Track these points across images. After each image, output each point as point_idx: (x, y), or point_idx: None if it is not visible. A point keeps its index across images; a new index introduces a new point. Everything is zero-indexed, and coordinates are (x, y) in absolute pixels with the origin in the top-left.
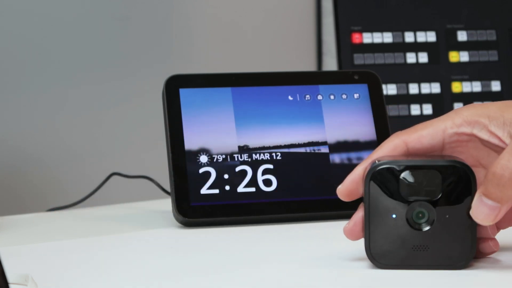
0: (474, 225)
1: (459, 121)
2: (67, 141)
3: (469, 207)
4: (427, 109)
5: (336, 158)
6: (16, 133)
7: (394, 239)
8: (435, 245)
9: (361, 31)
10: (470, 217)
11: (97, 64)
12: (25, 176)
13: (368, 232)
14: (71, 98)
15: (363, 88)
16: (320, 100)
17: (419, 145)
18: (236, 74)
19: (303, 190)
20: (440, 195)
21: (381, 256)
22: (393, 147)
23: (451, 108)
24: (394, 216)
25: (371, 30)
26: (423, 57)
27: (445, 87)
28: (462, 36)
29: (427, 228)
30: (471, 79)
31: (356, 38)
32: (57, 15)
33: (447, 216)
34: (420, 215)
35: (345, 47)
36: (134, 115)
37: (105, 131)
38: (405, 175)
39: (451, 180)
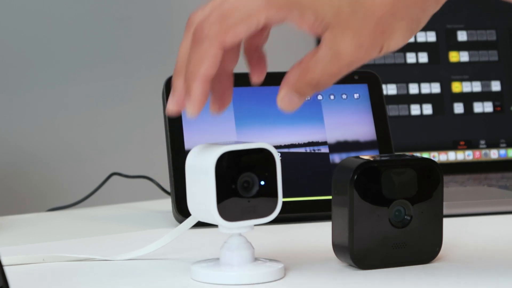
0: (441, 218)
1: (272, 13)
2: (67, 140)
3: (439, 201)
4: (427, 109)
5: (336, 158)
6: (17, 133)
7: (377, 239)
8: (412, 241)
9: None
10: (440, 210)
11: (97, 64)
12: (25, 176)
13: (352, 234)
14: (71, 98)
15: (363, 88)
16: (320, 100)
17: (238, 44)
18: (236, 74)
19: (303, 190)
20: (416, 192)
21: (363, 257)
22: (215, 60)
23: (451, 108)
24: (378, 215)
25: None
26: (423, 57)
27: (445, 87)
28: (462, 36)
29: (406, 225)
30: (471, 79)
31: None
32: (57, 14)
33: (422, 212)
34: (401, 213)
35: None
36: (134, 115)
37: (105, 131)
38: (386, 175)
39: (424, 177)
